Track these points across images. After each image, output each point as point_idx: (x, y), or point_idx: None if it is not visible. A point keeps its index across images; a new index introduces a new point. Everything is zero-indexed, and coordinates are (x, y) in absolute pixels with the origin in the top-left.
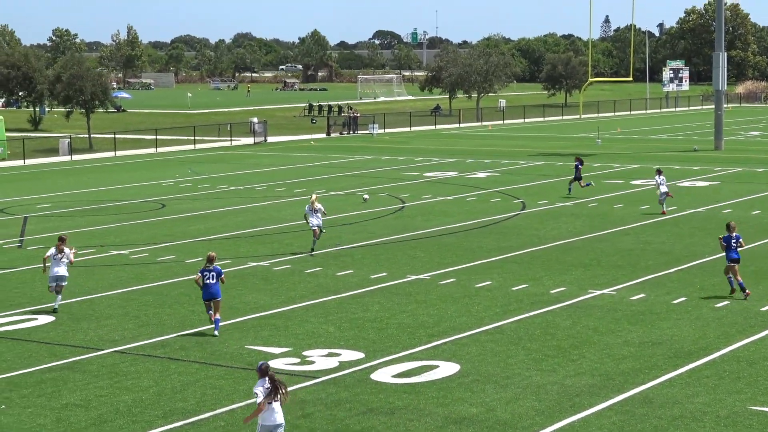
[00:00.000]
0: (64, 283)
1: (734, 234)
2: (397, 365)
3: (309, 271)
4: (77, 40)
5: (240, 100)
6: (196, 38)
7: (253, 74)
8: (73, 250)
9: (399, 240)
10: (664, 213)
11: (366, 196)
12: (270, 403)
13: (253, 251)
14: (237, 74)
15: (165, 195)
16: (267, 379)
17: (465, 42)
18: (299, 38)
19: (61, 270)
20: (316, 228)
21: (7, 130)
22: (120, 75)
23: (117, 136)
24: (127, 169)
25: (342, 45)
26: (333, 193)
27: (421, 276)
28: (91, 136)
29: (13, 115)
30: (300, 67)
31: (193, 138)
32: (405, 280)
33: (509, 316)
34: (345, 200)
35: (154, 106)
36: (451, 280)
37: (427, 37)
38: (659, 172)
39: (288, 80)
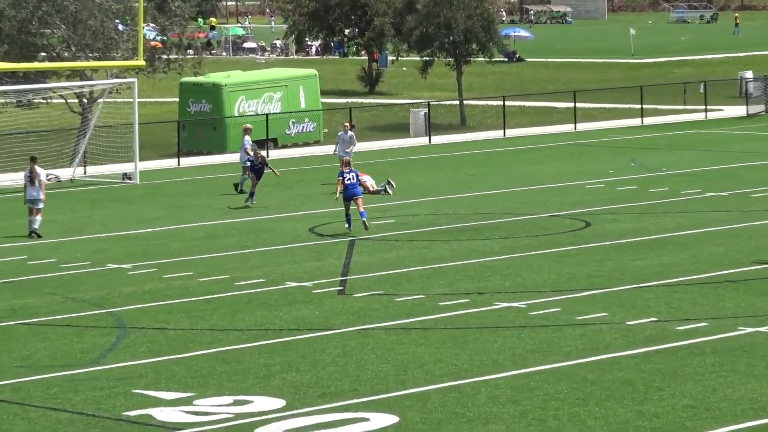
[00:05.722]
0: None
1: None
2: None
3: None
4: None
5: (722, 40)
6: None
7: None
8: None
9: None
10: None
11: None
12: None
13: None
14: None
15: (590, 206)
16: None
17: None
18: None
19: None
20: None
21: (325, 92)
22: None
23: (508, 103)
24: (526, 160)
25: None
26: None
27: None
28: (464, 102)
29: (337, 68)
30: None
31: (639, 107)
32: None
33: None
34: None
35: (571, 52)
36: None
37: None
38: (247, 130)
39: None
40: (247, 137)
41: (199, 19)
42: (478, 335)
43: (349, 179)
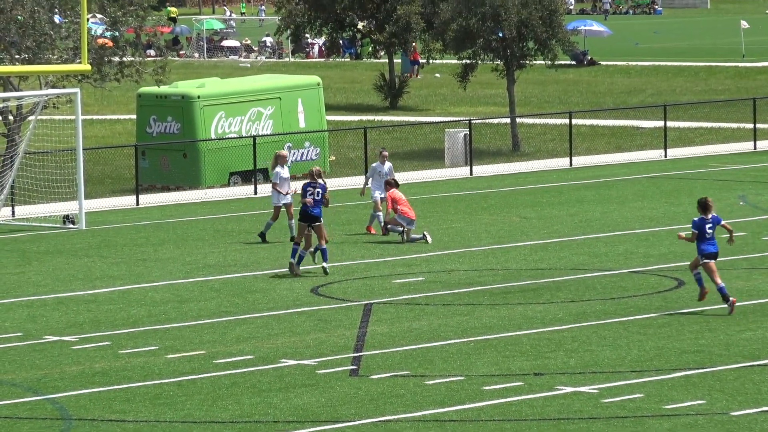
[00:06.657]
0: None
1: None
2: None
3: None
4: None
5: None
6: None
7: None
8: None
9: None
10: None
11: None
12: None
13: None
14: None
15: (685, 259)
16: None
17: None
18: None
19: None
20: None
21: (331, 107)
22: None
23: (576, 121)
24: (599, 198)
25: None
26: None
27: None
28: (517, 121)
29: (347, 75)
30: None
31: (751, 126)
32: None
33: None
34: None
35: (661, 53)
36: None
37: None
38: (279, 159)
39: None
40: (278, 169)
41: (167, 8)
42: (534, 430)
43: (311, 195)
